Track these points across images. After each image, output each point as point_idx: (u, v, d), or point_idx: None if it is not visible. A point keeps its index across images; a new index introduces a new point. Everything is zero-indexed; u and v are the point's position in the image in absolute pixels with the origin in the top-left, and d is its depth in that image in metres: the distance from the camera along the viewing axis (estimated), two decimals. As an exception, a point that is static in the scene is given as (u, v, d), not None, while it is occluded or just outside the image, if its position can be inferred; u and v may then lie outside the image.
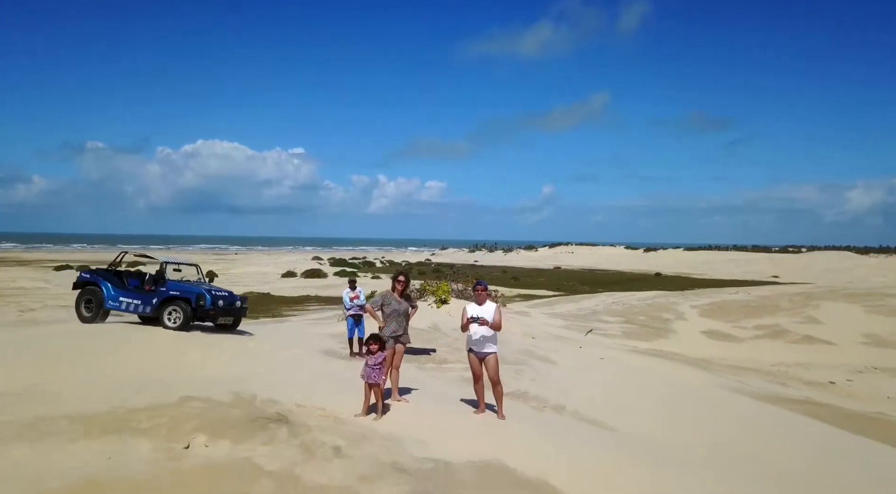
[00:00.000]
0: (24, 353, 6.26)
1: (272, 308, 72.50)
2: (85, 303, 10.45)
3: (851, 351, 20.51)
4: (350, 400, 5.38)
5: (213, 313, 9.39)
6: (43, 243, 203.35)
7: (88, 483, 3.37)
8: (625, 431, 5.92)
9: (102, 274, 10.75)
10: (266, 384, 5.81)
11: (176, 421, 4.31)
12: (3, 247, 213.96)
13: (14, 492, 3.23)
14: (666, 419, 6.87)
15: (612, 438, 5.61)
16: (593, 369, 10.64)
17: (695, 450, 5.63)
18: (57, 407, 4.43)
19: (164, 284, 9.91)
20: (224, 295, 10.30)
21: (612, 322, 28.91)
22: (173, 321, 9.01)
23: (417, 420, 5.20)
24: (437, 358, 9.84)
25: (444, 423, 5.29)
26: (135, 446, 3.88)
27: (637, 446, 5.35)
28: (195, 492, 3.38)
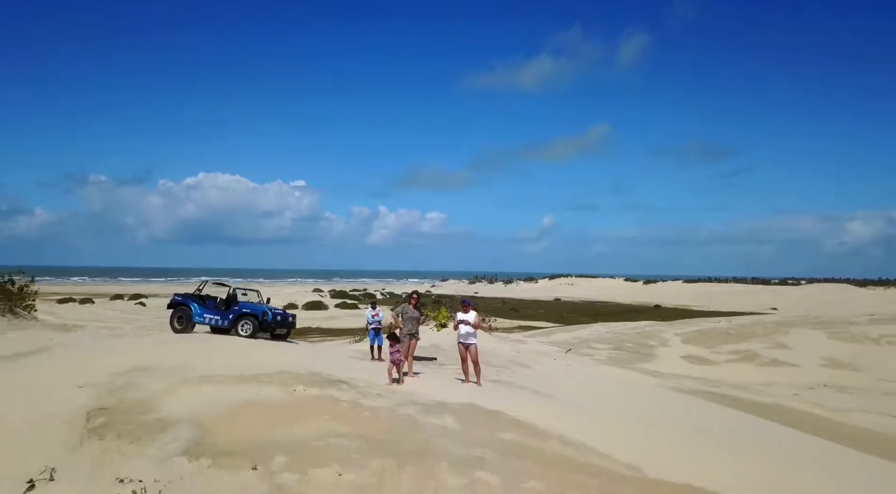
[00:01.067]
0: (159, 346, 9.31)
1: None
2: (177, 319, 13.54)
3: (811, 372, 23.34)
4: (380, 379, 8.37)
5: (272, 325, 12.57)
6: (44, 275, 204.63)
7: (249, 403, 6.35)
8: (563, 400, 8.90)
9: (191, 297, 13.90)
10: (322, 368, 8.82)
11: (282, 379, 7.30)
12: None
13: (214, 407, 6.24)
14: (598, 398, 9.82)
15: (551, 401, 8.58)
16: (559, 371, 13.62)
17: (611, 411, 8.59)
18: (209, 372, 7.44)
19: (236, 304, 13.07)
20: (280, 312, 13.48)
21: (602, 349, 31.67)
22: (245, 331, 12.16)
23: (425, 385, 8.25)
24: (436, 363, 12.83)
25: (442, 386, 8.34)
26: (266, 389, 6.86)
27: (566, 405, 8.33)
28: (308, 407, 6.38)
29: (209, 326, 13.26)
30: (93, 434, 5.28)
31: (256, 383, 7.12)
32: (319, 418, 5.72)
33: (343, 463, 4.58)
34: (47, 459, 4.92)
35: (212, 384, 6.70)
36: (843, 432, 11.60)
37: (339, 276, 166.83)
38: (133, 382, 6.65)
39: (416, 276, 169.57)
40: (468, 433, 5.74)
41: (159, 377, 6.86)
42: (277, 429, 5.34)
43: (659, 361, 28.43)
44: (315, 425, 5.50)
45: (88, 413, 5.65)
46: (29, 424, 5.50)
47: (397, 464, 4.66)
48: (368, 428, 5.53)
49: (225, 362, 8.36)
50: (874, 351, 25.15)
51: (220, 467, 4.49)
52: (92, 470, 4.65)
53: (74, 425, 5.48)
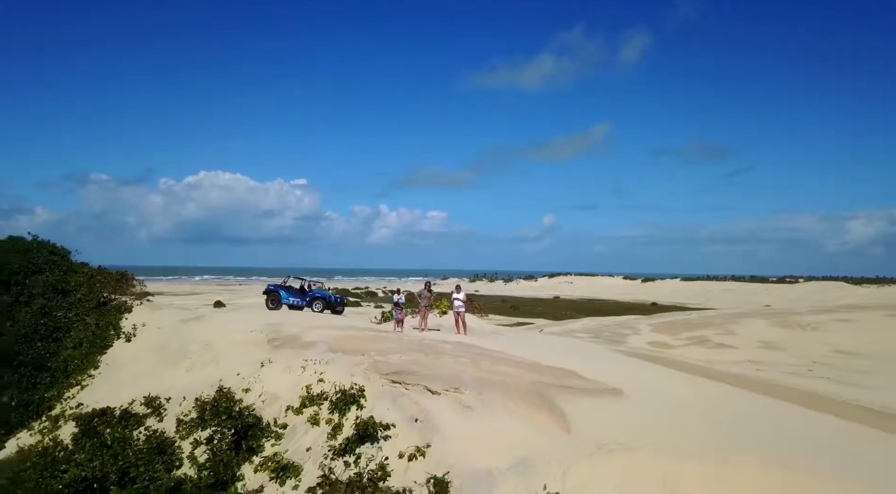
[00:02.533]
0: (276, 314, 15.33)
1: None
2: (271, 301, 19.68)
3: (746, 352, 29.19)
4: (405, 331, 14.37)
5: (334, 305, 18.80)
6: None
7: (347, 335, 12.28)
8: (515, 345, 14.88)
9: (280, 286, 20.04)
10: (369, 326, 14.83)
11: (355, 329, 13.28)
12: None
13: (331, 336, 12.21)
14: (537, 346, 15.80)
15: (508, 344, 14.59)
16: (524, 337, 19.65)
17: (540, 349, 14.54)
18: (317, 324, 13.41)
19: (310, 291, 19.21)
20: (338, 297, 19.69)
21: (583, 336, 37.58)
22: (317, 308, 18.36)
23: (434, 335, 14.27)
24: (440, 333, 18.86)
25: (443, 335, 14.37)
26: (349, 332, 12.82)
27: (515, 346, 14.33)
28: (376, 337, 12.34)
29: (290, 306, 19.44)
30: (276, 348, 11.29)
31: (343, 329, 13.17)
32: (383, 341, 11.75)
33: (400, 353, 10.58)
34: (262, 357, 10.93)
35: (323, 329, 12.75)
36: (717, 375, 17.43)
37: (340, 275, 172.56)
38: (281, 328, 12.69)
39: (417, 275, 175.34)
40: (457, 349, 11.76)
41: (294, 327, 12.91)
42: (366, 345, 11.34)
43: (628, 345, 34.28)
44: (382, 343, 11.52)
45: (268, 340, 11.66)
46: (243, 344, 11.52)
47: (424, 355, 10.67)
48: (408, 344, 11.56)
49: (320, 321, 14.42)
50: (800, 335, 31.03)
51: (346, 354, 10.49)
52: (287, 360, 10.65)
53: (264, 344, 11.48)
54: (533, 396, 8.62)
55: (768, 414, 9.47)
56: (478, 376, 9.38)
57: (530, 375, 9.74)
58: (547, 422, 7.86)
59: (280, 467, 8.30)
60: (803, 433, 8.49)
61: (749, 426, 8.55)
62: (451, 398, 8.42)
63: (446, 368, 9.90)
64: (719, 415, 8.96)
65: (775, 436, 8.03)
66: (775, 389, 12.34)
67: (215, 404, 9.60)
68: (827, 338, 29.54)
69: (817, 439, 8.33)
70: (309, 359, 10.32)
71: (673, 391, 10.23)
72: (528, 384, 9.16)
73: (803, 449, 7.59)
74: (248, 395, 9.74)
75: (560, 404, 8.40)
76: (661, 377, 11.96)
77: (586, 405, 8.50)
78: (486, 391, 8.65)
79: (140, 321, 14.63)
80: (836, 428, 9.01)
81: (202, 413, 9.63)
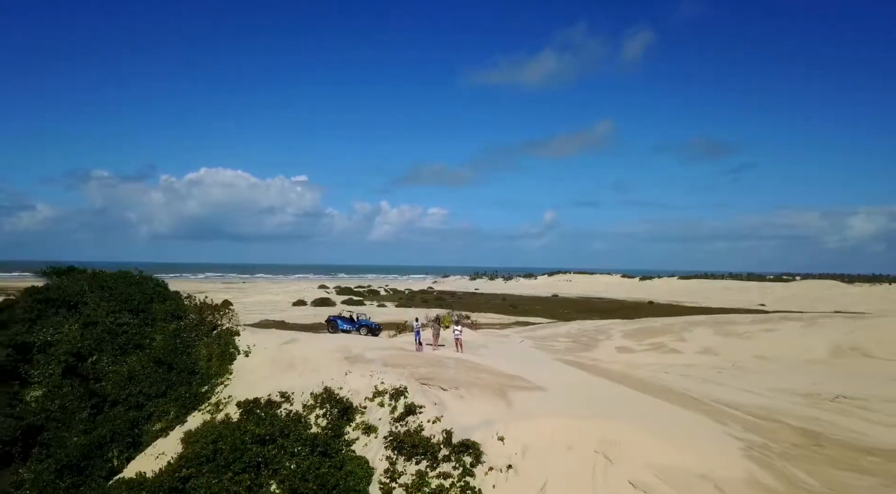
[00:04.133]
0: (342, 338, 24.16)
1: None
2: (330, 327, 28.61)
3: (687, 357, 37.85)
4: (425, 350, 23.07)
5: (374, 330, 27.83)
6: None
7: (394, 353, 21.04)
8: (490, 355, 23.65)
9: (336, 317, 29.00)
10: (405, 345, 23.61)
11: (395, 346, 21.98)
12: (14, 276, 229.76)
13: (383, 353, 21.00)
14: (510, 356, 24.56)
15: (488, 356, 23.37)
16: (504, 348, 28.47)
17: (513, 361, 23.26)
18: (371, 346, 22.10)
19: (357, 320, 28.23)
20: (376, 324, 28.72)
21: (562, 341, 46.23)
22: (363, 333, 27.35)
23: (441, 350, 23.10)
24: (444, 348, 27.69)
25: (447, 351, 23.23)
26: (393, 350, 21.53)
27: (489, 357, 23.08)
28: (412, 354, 21.10)
29: (343, 331, 28.36)
30: (351, 362, 20.16)
31: (388, 349, 22.07)
32: (414, 358, 20.65)
33: (424, 367, 19.43)
34: (345, 368, 19.80)
35: (375, 350, 21.67)
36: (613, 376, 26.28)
37: (341, 272, 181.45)
38: (349, 349, 21.54)
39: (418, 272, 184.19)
40: (456, 363, 20.65)
41: (356, 348, 21.78)
42: (404, 360, 20.16)
43: (597, 350, 43.01)
44: (414, 360, 20.40)
45: (345, 357, 20.51)
46: (330, 359, 20.36)
47: (437, 367, 19.53)
48: (428, 361, 20.44)
49: (370, 344, 23.32)
50: (733, 342, 39.64)
51: (394, 367, 19.30)
52: (360, 370, 19.45)
53: (342, 360, 20.34)
54: (495, 390, 17.46)
55: (621, 397, 18.32)
56: (466, 379, 18.21)
57: (496, 379, 18.58)
58: (500, 403, 16.71)
59: (366, 427, 17.12)
60: (634, 406, 17.33)
61: (607, 403, 17.37)
62: (452, 392, 17.25)
63: (450, 375, 18.74)
64: (595, 398, 17.78)
65: (618, 408, 16.82)
66: (642, 384, 21.19)
67: (324, 395, 18.42)
68: (752, 345, 38.29)
69: (639, 409, 17.17)
70: (374, 371, 19.16)
71: (576, 386, 19.08)
72: (493, 383, 18.00)
73: (629, 413, 16.35)
74: (342, 391, 18.57)
75: (509, 394, 17.24)
76: (574, 378, 20.82)
77: (523, 394, 17.34)
78: (471, 388, 17.47)
79: (251, 342, 23.45)
80: (655, 404, 17.85)
81: (317, 401, 18.44)
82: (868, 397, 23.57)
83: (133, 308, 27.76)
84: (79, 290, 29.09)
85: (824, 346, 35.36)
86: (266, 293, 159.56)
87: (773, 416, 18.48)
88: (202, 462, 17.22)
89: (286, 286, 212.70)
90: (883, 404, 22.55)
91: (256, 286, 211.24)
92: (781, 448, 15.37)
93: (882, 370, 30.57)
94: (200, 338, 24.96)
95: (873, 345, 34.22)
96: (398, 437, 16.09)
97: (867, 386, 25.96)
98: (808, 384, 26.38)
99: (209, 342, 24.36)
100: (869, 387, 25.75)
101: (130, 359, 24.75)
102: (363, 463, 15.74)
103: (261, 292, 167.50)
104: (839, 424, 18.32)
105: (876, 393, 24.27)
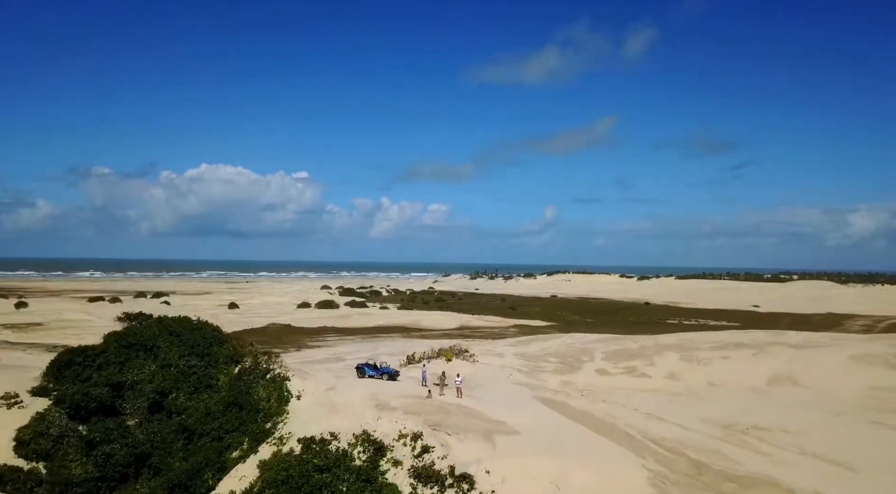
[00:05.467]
0: (374, 384, 32.66)
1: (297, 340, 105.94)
2: (358, 373, 37.14)
3: (654, 381, 46.27)
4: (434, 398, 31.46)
5: (393, 375, 36.31)
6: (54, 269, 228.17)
7: (410, 396, 29.45)
8: (482, 399, 32.08)
9: (364, 364, 37.62)
10: (417, 389, 32.03)
11: (409, 393, 30.38)
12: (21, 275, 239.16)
13: (406, 399, 29.46)
14: (496, 398, 32.96)
15: (479, 399, 31.85)
16: (494, 389, 36.96)
17: (500, 404, 31.65)
18: (397, 393, 30.56)
19: (381, 368, 36.80)
20: (396, 371, 37.29)
21: (552, 361, 54.72)
22: (385, 379, 35.82)
23: (446, 397, 31.61)
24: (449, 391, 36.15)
25: (451, 397, 31.75)
26: (409, 398, 29.97)
27: (479, 401, 31.52)
28: (424, 401, 29.58)
29: (369, 376, 36.74)
30: (381, 409, 28.67)
31: (408, 397, 30.62)
32: (426, 407, 29.17)
33: (434, 415, 27.92)
34: (377, 414, 28.32)
35: (399, 398, 30.21)
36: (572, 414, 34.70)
37: (342, 269, 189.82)
38: (378, 397, 30.01)
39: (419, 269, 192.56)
40: (458, 409, 29.18)
41: (383, 396, 30.26)
42: (420, 408, 28.65)
43: (581, 371, 51.52)
44: (426, 408, 28.91)
45: (375, 405, 28.99)
46: (364, 406, 28.83)
47: (442, 415, 28.04)
48: (437, 409, 28.95)
49: (392, 390, 31.86)
50: (695, 369, 47.98)
51: (413, 415, 27.78)
52: (388, 416, 27.94)
53: (374, 407, 28.83)
54: (485, 434, 25.95)
55: (575, 437, 26.82)
56: (464, 426, 26.69)
57: (486, 424, 27.05)
58: (488, 445, 25.21)
59: (394, 462, 25.58)
60: (583, 444, 25.84)
61: (564, 442, 25.85)
62: (454, 436, 25.73)
63: (452, 421, 27.23)
64: (557, 438, 26.25)
65: (570, 446, 25.29)
66: (595, 422, 29.76)
67: (363, 435, 26.86)
68: (707, 371, 46.77)
69: (586, 446, 25.68)
70: (398, 418, 27.65)
71: (545, 428, 27.57)
72: (484, 429, 26.48)
73: (577, 451, 24.81)
74: (375, 433, 27.01)
75: (494, 438, 25.72)
76: (544, 420, 29.32)
77: (503, 438, 25.84)
78: (468, 433, 25.94)
79: (301, 387, 31.83)
80: (598, 442, 26.35)
81: (357, 440, 26.88)
82: (772, 427, 32.14)
83: (199, 352, 36.15)
84: (152, 335, 37.45)
85: (764, 374, 43.88)
86: (270, 295, 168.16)
87: (681, 449, 26.99)
88: (278, 484, 25.72)
89: (289, 286, 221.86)
90: (780, 434, 31.13)
91: (260, 287, 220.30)
92: (675, 477, 23.85)
93: (802, 398, 39.16)
94: (257, 381, 33.36)
95: (801, 375, 42.76)
96: (417, 469, 24.56)
97: (779, 415, 34.52)
98: (734, 413, 34.94)
99: (266, 385, 32.76)
100: (780, 416, 34.32)
101: (203, 397, 33.25)
102: (394, 488, 24.24)
103: (265, 293, 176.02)
104: (728, 455, 26.80)
105: (781, 423, 32.85)
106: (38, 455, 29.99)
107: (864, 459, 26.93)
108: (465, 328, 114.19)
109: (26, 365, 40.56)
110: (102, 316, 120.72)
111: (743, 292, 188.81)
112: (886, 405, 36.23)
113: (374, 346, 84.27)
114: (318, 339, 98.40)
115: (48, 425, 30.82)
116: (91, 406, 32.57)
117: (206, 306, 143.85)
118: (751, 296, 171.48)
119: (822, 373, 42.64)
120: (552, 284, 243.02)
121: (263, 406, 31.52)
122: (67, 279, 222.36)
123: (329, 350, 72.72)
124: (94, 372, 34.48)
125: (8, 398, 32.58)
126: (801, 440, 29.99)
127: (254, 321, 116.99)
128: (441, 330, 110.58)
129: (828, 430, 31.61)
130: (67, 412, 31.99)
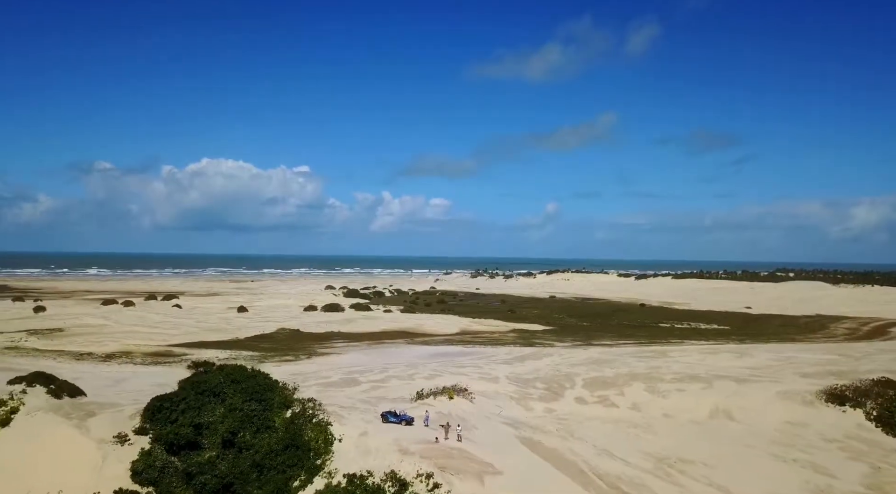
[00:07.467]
0: (384, 429, 45.83)
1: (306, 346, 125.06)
2: (383, 420, 50.25)
3: (621, 412, 59.17)
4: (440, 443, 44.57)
5: (410, 422, 49.43)
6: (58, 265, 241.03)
7: (423, 441, 42.54)
8: (476, 441, 45.17)
9: (388, 412, 50.75)
10: (427, 433, 45.19)
11: (426, 442, 43.60)
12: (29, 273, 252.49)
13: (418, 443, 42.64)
14: (485, 436, 46.03)
15: (472, 441, 44.98)
16: (485, 429, 50.06)
17: (485, 444, 44.72)
18: (416, 439, 43.66)
19: (400, 415, 49.95)
20: (410, 417, 50.40)
21: (539, 387, 67.94)
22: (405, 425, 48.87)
23: (450, 442, 44.86)
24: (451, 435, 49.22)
25: (453, 441, 45.02)
26: (432, 443, 43.14)
27: (473, 444, 44.67)
28: (433, 448, 42.78)
29: (391, 422, 49.70)
30: (404, 454, 41.92)
31: (422, 442, 43.92)
32: (435, 451, 42.41)
33: (442, 458, 41.11)
34: (402, 456, 41.58)
35: (416, 444, 43.47)
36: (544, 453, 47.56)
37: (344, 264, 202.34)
38: (400, 443, 43.18)
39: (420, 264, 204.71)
40: (459, 453, 42.40)
41: (404, 441, 43.47)
42: (431, 453, 41.79)
43: (563, 399, 64.69)
44: (435, 452, 42.12)
45: (398, 449, 42.20)
46: (389, 450, 42.05)
47: (446, 459, 41.24)
48: (443, 453, 42.19)
49: (411, 435, 45.15)
50: (655, 401, 60.91)
51: (427, 459, 40.99)
52: (410, 460, 41.14)
53: (397, 450, 42.04)
54: (477, 474, 39.16)
55: (543, 474, 39.97)
56: (462, 467, 39.89)
57: (479, 466, 40.25)
58: (479, 484, 38.46)
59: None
60: (548, 480, 39.04)
61: (536, 479, 38.99)
62: (456, 476, 38.92)
63: (454, 464, 40.42)
64: (529, 475, 39.40)
65: (540, 483, 38.42)
66: (560, 460, 42.85)
67: (391, 474, 40.01)
68: (664, 404, 59.88)
69: (550, 483, 38.87)
70: (415, 461, 40.85)
71: (522, 467, 40.77)
72: (476, 470, 39.67)
73: (543, 487, 37.91)
74: (400, 472, 40.18)
75: (484, 477, 38.92)
76: (523, 460, 42.51)
77: (490, 477, 39.06)
78: (466, 473, 39.12)
79: (341, 432, 44.92)
80: (559, 479, 39.53)
81: (387, 476, 40.03)
82: (696, 460, 45.38)
83: (257, 398, 49.30)
84: (218, 382, 50.54)
85: (707, 408, 57.03)
86: (277, 297, 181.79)
87: (617, 483, 40.10)
88: (333, 509, 38.94)
89: (294, 286, 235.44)
90: (699, 466, 44.36)
91: (265, 285, 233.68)
92: (607, 506, 37.00)
93: (732, 431, 52.35)
94: (307, 424, 46.46)
95: (736, 410, 55.86)
96: (431, 500, 37.74)
97: (706, 449, 47.78)
98: (671, 447, 48.21)
99: (313, 427, 45.85)
100: (706, 449, 47.58)
101: (265, 436, 46.42)
102: (416, 514, 37.50)
103: (271, 294, 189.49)
104: (650, 487, 39.86)
105: (704, 456, 46.09)
106: (148, 481, 43.37)
107: (748, 490, 40.10)
108: (465, 332, 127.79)
109: (118, 403, 53.56)
110: (119, 321, 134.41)
111: (737, 292, 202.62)
112: (790, 439, 49.38)
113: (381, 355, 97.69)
114: (327, 345, 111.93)
115: (154, 459, 44.18)
116: (181, 443, 45.79)
117: (216, 310, 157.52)
118: (744, 297, 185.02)
119: (753, 408, 55.76)
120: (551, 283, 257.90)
121: (313, 446, 44.63)
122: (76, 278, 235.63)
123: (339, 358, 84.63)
124: (180, 415, 47.62)
125: (121, 437, 46.04)
126: (711, 472, 43.17)
127: (263, 326, 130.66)
128: (443, 335, 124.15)
129: (734, 463, 44.79)
130: (165, 448, 45.27)
